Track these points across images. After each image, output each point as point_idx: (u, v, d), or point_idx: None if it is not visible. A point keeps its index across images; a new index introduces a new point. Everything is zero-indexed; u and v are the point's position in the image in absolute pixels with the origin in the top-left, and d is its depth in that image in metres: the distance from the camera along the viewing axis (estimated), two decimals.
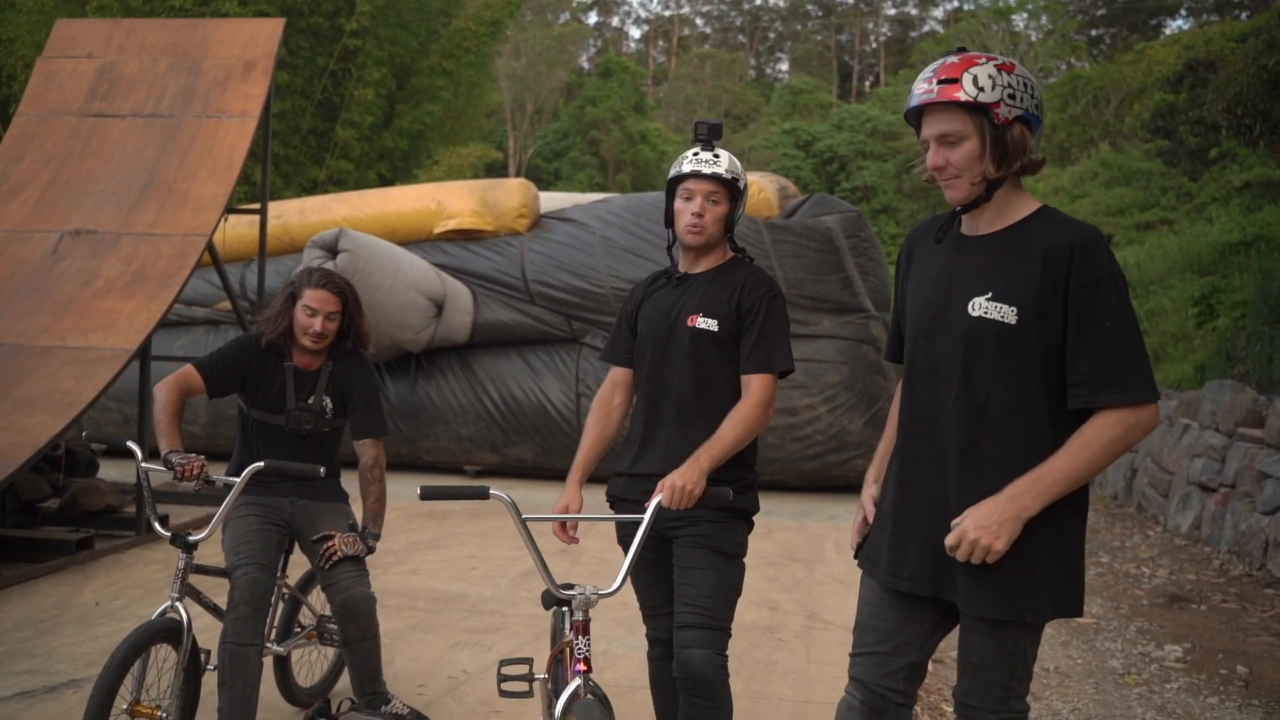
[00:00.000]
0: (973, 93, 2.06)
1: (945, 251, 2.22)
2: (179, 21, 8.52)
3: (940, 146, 2.11)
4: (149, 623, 2.96)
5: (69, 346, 6.05)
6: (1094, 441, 2.03)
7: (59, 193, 7.04)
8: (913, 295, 2.27)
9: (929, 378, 2.19)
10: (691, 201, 2.78)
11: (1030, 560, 2.07)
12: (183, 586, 3.08)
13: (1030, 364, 2.08)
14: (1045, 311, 2.06)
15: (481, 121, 24.65)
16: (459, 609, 5.14)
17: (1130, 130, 23.93)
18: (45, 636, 4.46)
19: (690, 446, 2.75)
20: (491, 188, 10.02)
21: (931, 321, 2.19)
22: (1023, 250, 2.10)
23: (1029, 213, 2.15)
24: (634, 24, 66.37)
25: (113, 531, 6.33)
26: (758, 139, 41.29)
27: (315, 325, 3.39)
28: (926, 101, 2.10)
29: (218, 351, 3.47)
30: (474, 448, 9.36)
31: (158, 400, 3.30)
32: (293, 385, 3.46)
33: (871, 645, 2.25)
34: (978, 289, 2.12)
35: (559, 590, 2.39)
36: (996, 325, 2.08)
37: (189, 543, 3.09)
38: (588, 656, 2.35)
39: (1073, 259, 2.05)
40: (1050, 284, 2.06)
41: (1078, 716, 4.20)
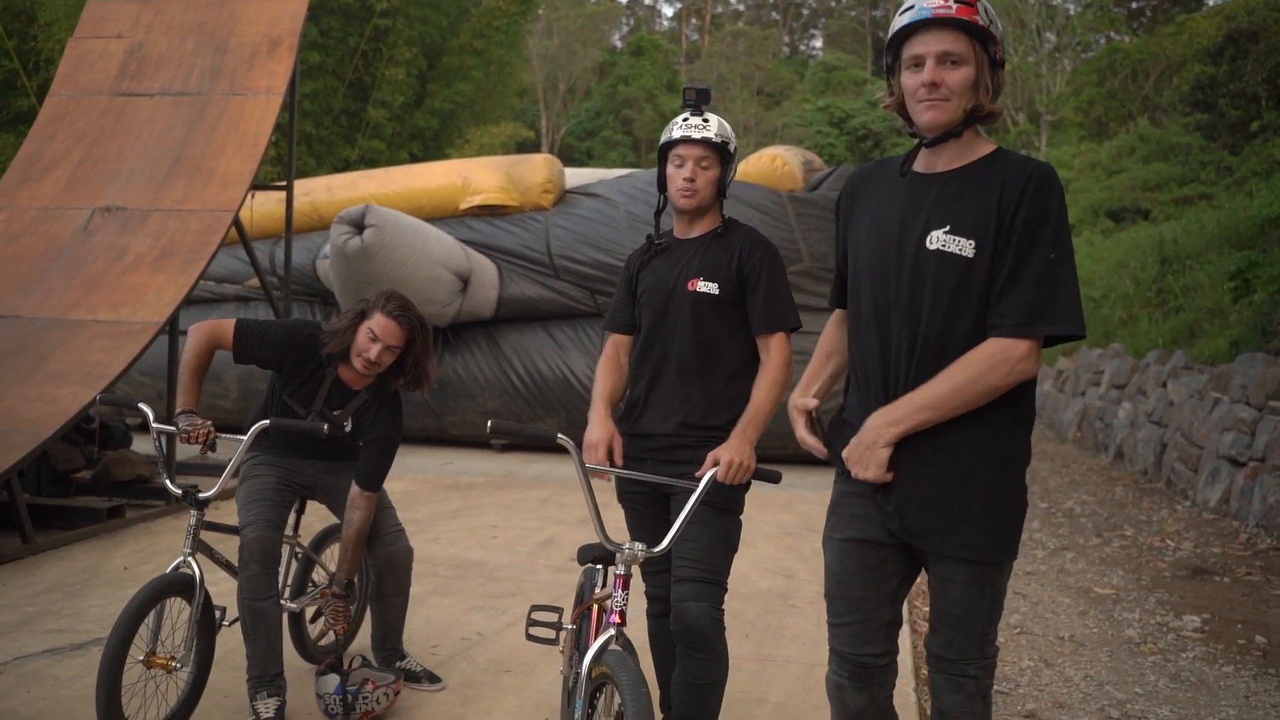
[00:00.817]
0: (985, 21, 2.07)
1: (897, 190, 2.19)
2: (206, 0, 8.62)
3: (938, 65, 2.06)
4: (161, 576, 3.05)
5: (99, 320, 6.18)
6: (960, 371, 2.04)
7: (90, 170, 7.18)
8: (864, 236, 2.22)
9: (881, 318, 2.16)
10: (683, 167, 2.81)
11: (1000, 501, 2.11)
12: (194, 542, 3.15)
13: (983, 299, 2.08)
14: (999, 244, 2.06)
15: (513, 100, 24.72)
16: (477, 575, 5.22)
17: (1169, 104, 23.51)
18: (74, 598, 4.60)
19: (690, 407, 2.79)
20: (517, 163, 10.07)
21: (883, 260, 2.15)
22: (982, 185, 2.09)
23: (986, 152, 2.15)
24: (667, 2, 66.02)
25: (144, 501, 6.47)
26: (791, 116, 41.02)
27: (372, 352, 3.24)
28: (943, 15, 2.04)
29: (265, 324, 3.38)
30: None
31: (187, 346, 3.28)
32: (326, 391, 3.39)
33: (845, 615, 2.25)
34: (935, 223, 2.10)
35: (610, 542, 2.41)
36: (954, 259, 2.07)
37: (200, 500, 3.17)
38: (624, 610, 2.38)
39: (1025, 191, 2.05)
40: (1003, 216, 2.06)
41: (1090, 683, 4.20)
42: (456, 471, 8.39)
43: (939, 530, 2.12)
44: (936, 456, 2.10)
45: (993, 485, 2.11)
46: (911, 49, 2.10)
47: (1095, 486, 9.37)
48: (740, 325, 2.84)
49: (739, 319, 2.83)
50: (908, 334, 2.13)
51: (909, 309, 2.12)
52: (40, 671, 3.69)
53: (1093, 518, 7.82)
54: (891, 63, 2.17)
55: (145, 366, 8.80)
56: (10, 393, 5.68)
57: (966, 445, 2.10)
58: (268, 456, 3.44)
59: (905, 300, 2.13)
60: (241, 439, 3.27)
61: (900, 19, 2.11)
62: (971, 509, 2.10)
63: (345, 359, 3.35)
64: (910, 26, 2.08)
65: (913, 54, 2.09)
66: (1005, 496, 2.13)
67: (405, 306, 3.30)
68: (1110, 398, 11.89)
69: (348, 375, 3.38)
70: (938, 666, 2.20)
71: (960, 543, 2.11)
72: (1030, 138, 33.04)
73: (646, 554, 2.41)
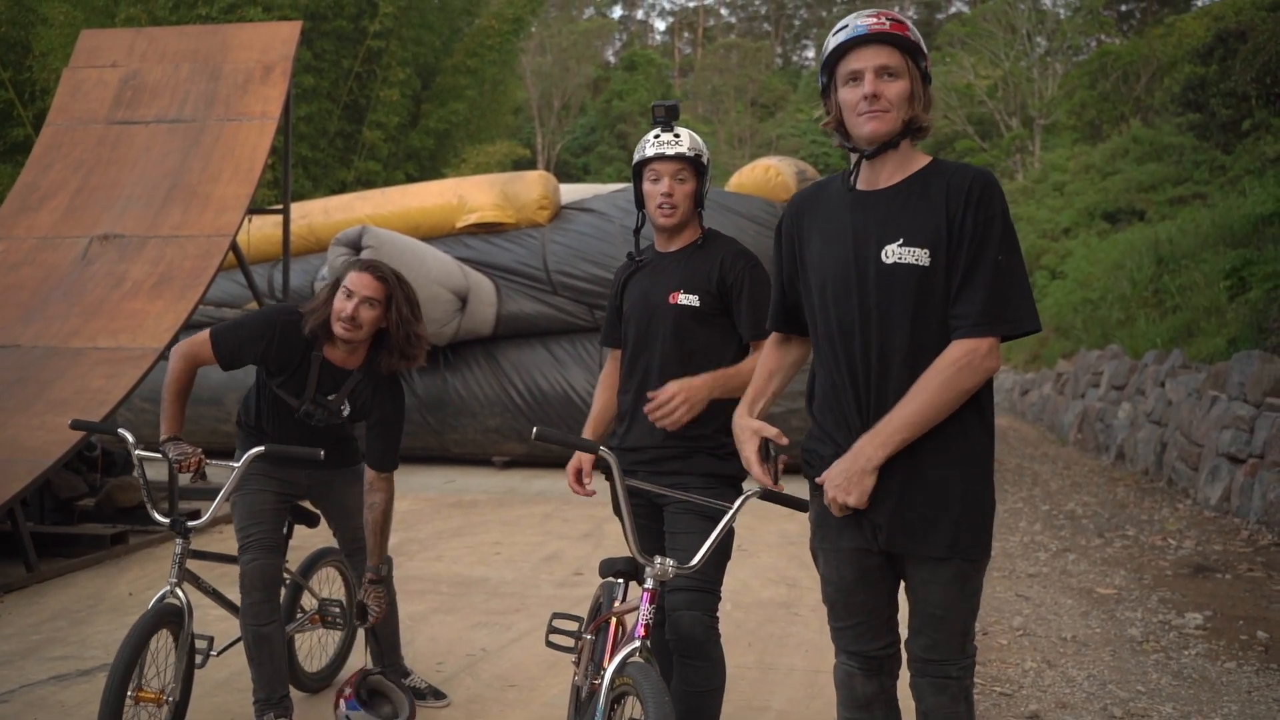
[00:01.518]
0: (916, 38, 2.19)
1: (843, 210, 2.24)
2: (199, 28, 8.70)
3: (877, 78, 2.15)
4: (148, 614, 2.97)
5: (99, 347, 6.21)
6: (931, 382, 2.10)
7: (87, 199, 7.23)
8: (818, 257, 2.26)
9: (846, 334, 2.20)
10: (659, 183, 2.86)
11: (976, 499, 2.17)
12: (180, 571, 3.07)
13: (942, 306, 2.14)
14: (950, 249, 2.12)
15: (508, 119, 24.80)
16: (480, 592, 5.23)
17: (1161, 105, 23.58)
18: (80, 625, 4.62)
19: None
20: (512, 181, 10.12)
21: (843, 279, 2.20)
22: (926, 194, 2.16)
23: (924, 164, 2.22)
24: (659, 16, 66.41)
25: (147, 527, 6.49)
26: (785, 127, 41.17)
27: (349, 309, 3.11)
28: (878, 30, 2.15)
29: (237, 324, 3.27)
30: (501, 438, 9.48)
31: (168, 371, 3.21)
32: (316, 377, 3.26)
33: (848, 619, 2.31)
34: (888, 237, 2.16)
35: (642, 557, 2.43)
36: (911, 269, 2.13)
37: (186, 528, 3.11)
38: (650, 623, 2.40)
39: (969, 196, 2.12)
40: (950, 221, 2.12)
41: (1092, 683, 4.21)
42: (458, 489, 8.42)
43: (921, 535, 2.17)
44: (912, 464, 2.15)
45: (968, 484, 2.17)
46: (849, 65, 2.18)
47: (1096, 488, 9.39)
48: (721, 336, 2.88)
49: (720, 330, 2.88)
50: (877, 347, 2.17)
51: (877, 323, 2.16)
52: (47, 699, 3.71)
53: (1094, 519, 7.84)
54: (827, 82, 2.25)
55: (146, 392, 8.81)
56: (12, 421, 5.71)
57: (940, 449, 2.14)
58: (262, 466, 3.30)
59: (871, 315, 2.17)
60: (233, 466, 3.23)
61: (836, 37, 2.20)
62: (951, 510, 2.15)
63: (330, 339, 3.24)
64: (846, 44, 2.18)
65: (850, 69, 2.18)
66: (980, 494, 2.19)
67: (379, 264, 3.22)
68: (1110, 399, 11.91)
69: (335, 355, 3.26)
70: (921, 670, 2.24)
71: (945, 544, 2.15)
72: (1024, 141, 33.15)
73: (678, 570, 2.42)
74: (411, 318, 3.22)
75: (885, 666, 2.33)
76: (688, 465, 2.78)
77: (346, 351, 3.25)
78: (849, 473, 2.14)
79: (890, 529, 2.18)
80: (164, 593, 3.03)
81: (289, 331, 3.23)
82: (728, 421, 2.83)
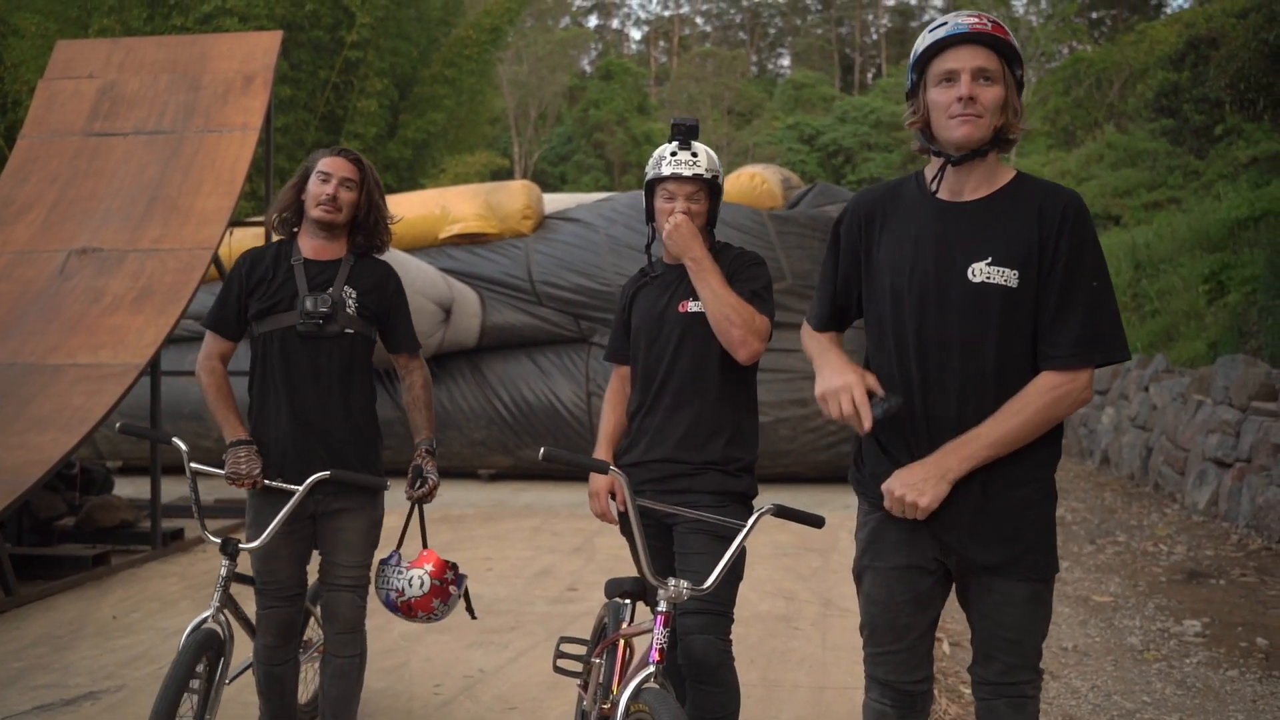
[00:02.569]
0: (1015, 44, 2.10)
1: (925, 218, 2.15)
2: (177, 38, 8.58)
3: (974, 80, 2.06)
4: (189, 647, 2.72)
5: (79, 364, 6.08)
6: (1026, 406, 2.05)
7: (64, 212, 7.09)
8: (891, 265, 2.17)
9: (923, 350, 2.12)
10: (673, 202, 2.80)
11: (1048, 519, 2.17)
12: (224, 596, 2.86)
13: (1027, 328, 2.08)
14: (1040, 273, 2.06)
15: (485, 128, 24.69)
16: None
17: (1134, 111, 23.81)
18: (63, 651, 4.49)
19: (685, 432, 2.76)
20: (495, 190, 10.05)
21: (922, 292, 2.12)
22: (1015, 213, 2.09)
23: (1011, 178, 2.15)
24: (634, 25, 66.47)
25: (129, 547, 6.37)
26: (761, 135, 41.26)
27: (328, 189, 3.01)
28: (980, 31, 2.05)
29: (218, 296, 3.13)
30: (487, 451, 9.38)
31: (200, 385, 3.07)
32: (304, 277, 3.05)
33: (890, 644, 2.25)
34: (975, 254, 2.08)
35: (655, 579, 2.34)
36: (999, 290, 2.06)
37: (236, 550, 2.88)
38: (664, 647, 2.32)
39: (1064, 220, 2.06)
40: (1043, 245, 2.06)
41: (1097, 694, 4.17)
42: (445, 503, 8.30)
43: (1001, 556, 2.13)
44: (989, 482, 2.10)
45: (1042, 504, 2.16)
46: (944, 64, 2.08)
47: (1084, 493, 9.40)
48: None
49: None
50: (958, 366, 2.10)
51: (958, 343, 2.09)
52: None
53: (1084, 525, 7.83)
54: (916, 80, 2.15)
55: (127, 409, 8.66)
56: None
57: (1017, 469, 2.11)
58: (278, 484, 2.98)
59: (954, 333, 2.10)
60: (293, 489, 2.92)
61: (932, 34, 2.10)
62: (1028, 531, 2.14)
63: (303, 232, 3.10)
64: (943, 42, 2.08)
65: (945, 69, 2.08)
66: (1050, 514, 2.18)
67: (348, 148, 3.14)
68: (1093, 403, 11.95)
69: (312, 246, 3.10)
70: (996, 692, 2.19)
71: (1025, 565, 2.13)
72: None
73: (693, 592, 2.34)
74: (380, 201, 3.17)
75: (919, 704, 2.27)
76: (697, 483, 2.72)
77: (326, 239, 3.11)
78: (926, 477, 2.07)
79: (965, 548, 2.13)
80: (204, 618, 2.79)
81: (259, 251, 3.14)
82: (737, 438, 2.78)
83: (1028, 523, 2.13)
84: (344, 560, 3.08)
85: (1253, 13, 15.02)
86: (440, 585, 3.12)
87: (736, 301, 2.70)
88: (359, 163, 3.11)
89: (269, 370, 3.06)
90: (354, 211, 3.11)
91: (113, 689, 3.96)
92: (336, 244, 3.14)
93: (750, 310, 2.71)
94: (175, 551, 6.50)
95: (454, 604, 3.21)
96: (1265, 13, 13.50)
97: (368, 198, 3.11)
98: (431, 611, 3.14)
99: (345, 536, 3.09)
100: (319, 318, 3.01)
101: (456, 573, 3.21)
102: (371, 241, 3.18)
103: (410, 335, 3.25)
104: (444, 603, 3.15)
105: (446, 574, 3.16)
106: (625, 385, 3.00)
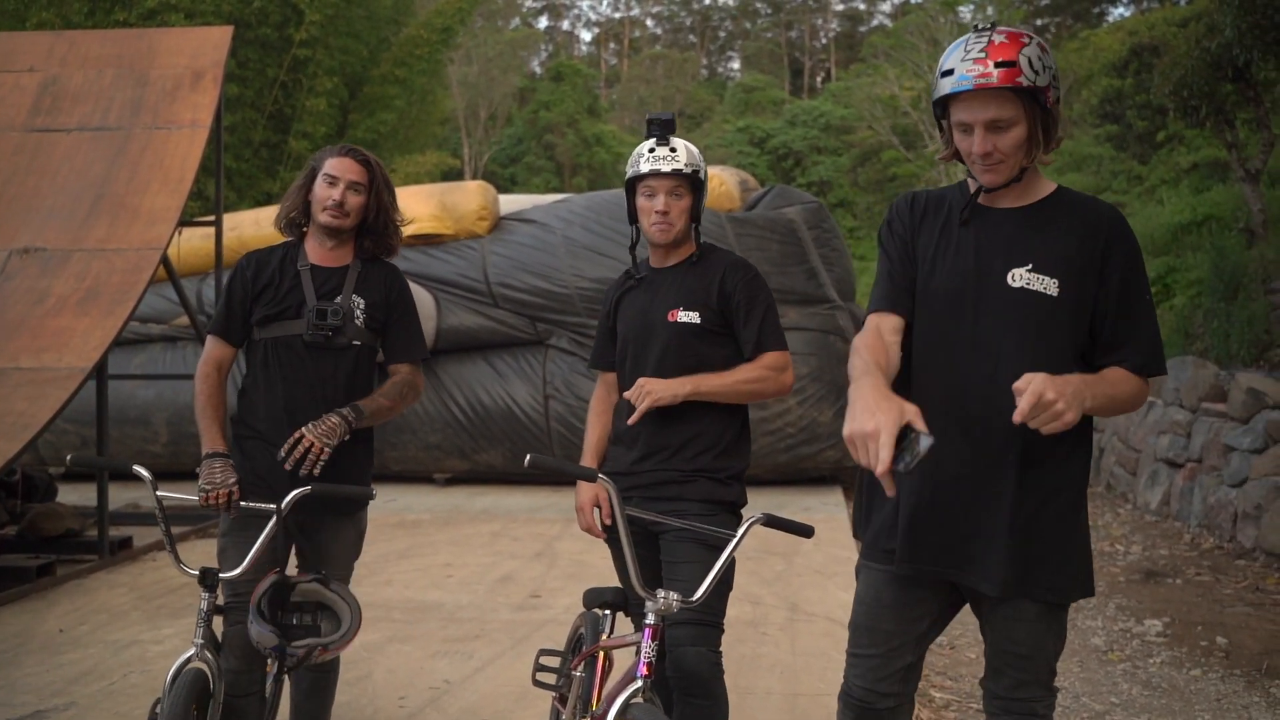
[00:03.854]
0: (1031, 76, 1.98)
1: (968, 224, 2.15)
2: (123, 32, 8.37)
3: (988, 132, 2.01)
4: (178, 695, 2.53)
5: (21, 368, 5.86)
6: (1119, 384, 2.05)
7: (4, 211, 6.84)
8: (931, 266, 2.16)
9: (961, 353, 2.10)
10: (655, 199, 2.73)
11: (1071, 541, 2.11)
12: (206, 632, 2.66)
13: (1066, 334, 2.07)
14: (1083, 283, 2.05)
15: (435, 129, 24.47)
16: (436, 618, 5.04)
17: (1080, 116, 24.22)
18: (7, 668, 4.31)
19: (677, 439, 2.70)
20: (450, 191, 9.92)
21: (961, 296, 2.10)
22: (1057, 223, 2.08)
23: (1051, 189, 2.15)
24: (584, 27, 66.32)
25: (75, 556, 6.16)
26: (712, 138, 41.37)
27: (335, 194, 2.88)
28: (985, 86, 1.96)
29: (221, 298, 2.99)
30: (443, 455, 9.25)
31: (195, 391, 2.90)
32: (311, 284, 2.92)
33: (867, 648, 2.21)
34: (1016, 260, 2.07)
35: (644, 590, 2.27)
36: (1039, 296, 2.05)
37: (216, 581, 2.69)
38: (652, 661, 2.25)
39: (1112, 234, 2.06)
40: (1088, 257, 2.05)
41: (1066, 696, 4.19)
42: (401, 509, 8.18)
43: (1019, 577, 2.07)
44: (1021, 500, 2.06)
45: (1072, 526, 2.11)
46: (958, 114, 2.04)
47: None
48: (722, 354, 2.75)
49: (721, 347, 2.76)
50: (987, 369, 2.07)
51: (997, 345, 2.07)
52: None
53: None
54: (940, 116, 2.11)
55: (70, 413, 8.41)
56: None
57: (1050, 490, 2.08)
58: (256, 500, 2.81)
59: (991, 336, 2.07)
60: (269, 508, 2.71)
61: (941, 85, 2.04)
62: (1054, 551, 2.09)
63: (308, 237, 2.98)
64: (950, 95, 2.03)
65: (959, 120, 2.04)
66: (1081, 535, 2.13)
67: (358, 147, 3.00)
68: None
69: (320, 254, 2.97)
70: (1006, 708, 2.15)
71: (1044, 586, 2.08)
72: None
73: (682, 604, 2.27)
74: (390, 204, 3.00)
75: (884, 716, 2.21)
76: (687, 490, 2.66)
77: (334, 245, 2.97)
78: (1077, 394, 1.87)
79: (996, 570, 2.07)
80: (188, 657, 2.61)
81: (264, 254, 2.99)
82: (728, 446, 2.73)
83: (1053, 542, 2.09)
84: (329, 573, 2.91)
85: (1193, 22, 15.34)
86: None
87: (750, 377, 2.68)
88: (368, 163, 2.96)
89: (268, 376, 2.93)
90: (362, 215, 2.96)
91: (61, 707, 3.80)
92: (344, 249, 3.00)
93: (763, 368, 2.69)
94: (123, 561, 6.30)
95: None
96: (1206, 22, 13.77)
97: (377, 200, 2.96)
98: None
99: (331, 550, 2.99)
100: (328, 330, 2.89)
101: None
102: (380, 246, 3.02)
103: (413, 344, 3.07)
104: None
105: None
106: (611, 393, 2.92)
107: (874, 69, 39.26)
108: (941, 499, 2.10)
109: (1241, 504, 6.71)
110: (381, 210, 2.97)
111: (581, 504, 2.79)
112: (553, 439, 8.94)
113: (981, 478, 2.08)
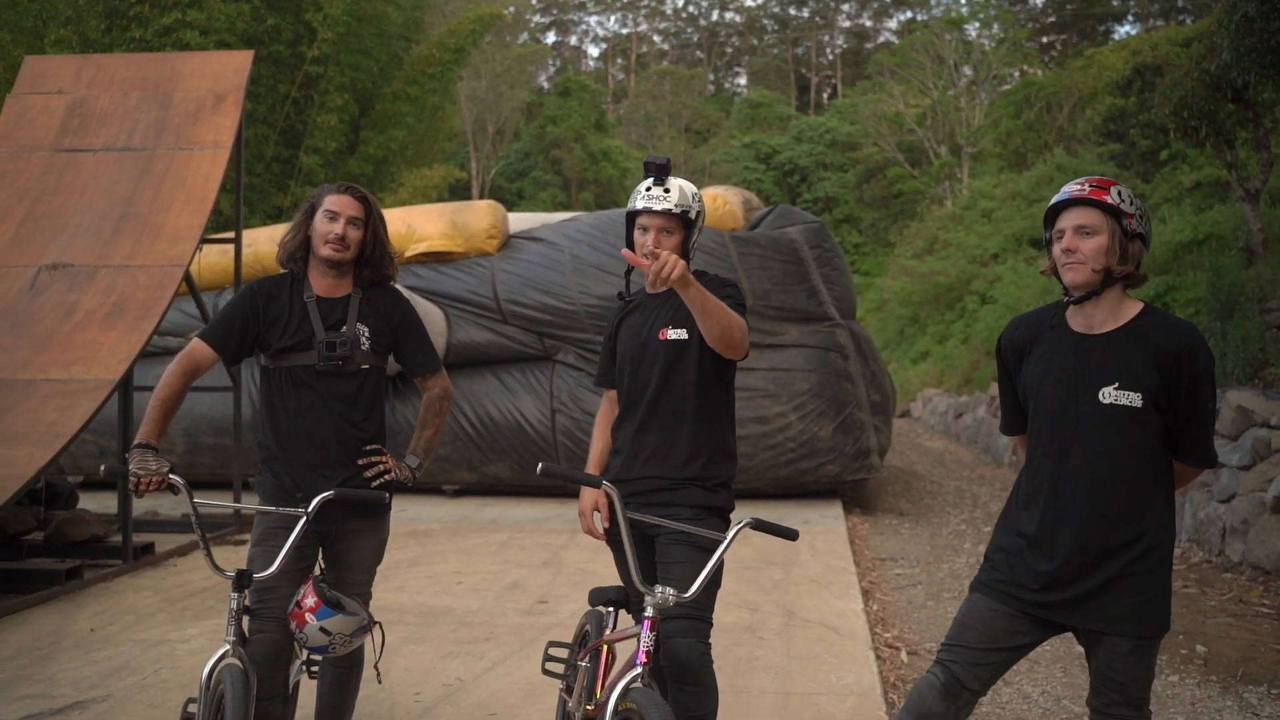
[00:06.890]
0: (1115, 200, 2.54)
1: (1066, 348, 2.62)
2: (148, 56, 8.63)
3: (1076, 235, 2.54)
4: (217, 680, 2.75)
5: (51, 379, 6.12)
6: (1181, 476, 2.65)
7: (34, 228, 7.12)
8: (1039, 385, 2.65)
9: (1062, 454, 2.59)
10: (647, 234, 3.01)
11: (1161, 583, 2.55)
12: (237, 631, 2.82)
13: (1146, 439, 2.54)
14: (1160, 398, 2.52)
15: (444, 144, 24.78)
16: (448, 621, 5.27)
17: (1083, 134, 24.44)
18: (44, 663, 4.55)
19: (673, 449, 2.95)
20: (461, 210, 10.17)
21: (1063, 409, 2.59)
22: (1139, 347, 2.54)
23: (1137, 312, 2.58)
24: (592, 43, 66.79)
25: (100, 561, 6.40)
26: (718, 153, 41.67)
27: (336, 229, 3.09)
28: (1078, 196, 2.54)
29: (221, 310, 3.14)
30: (452, 467, 9.48)
31: (160, 382, 3.01)
32: (319, 315, 3.13)
33: (971, 642, 2.64)
34: (1105, 379, 2.55)
35: (644, 587, 2.55)
36: (1124, 409, 2.53)
37: (250, 583, 2.87)
38: (650, 649, 2.53)
39: (1182, 359, 2.50)
40: (1165, 377, 2.51)
41: (1047, 699, 4.39)
42: (412, 519, 8.41)
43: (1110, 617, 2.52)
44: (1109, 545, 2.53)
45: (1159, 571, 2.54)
46: (1058, 223, 2.61)
47: None
48: (712, 371, 3.00)
49: (711, 363, 3.00)
50: (1089, 471, 2.55)
51: (1091, 451, 2.55)
52: None
53: None
54: (1050, 237, 2.64)
55: (98, 424, 8.68)
56: None
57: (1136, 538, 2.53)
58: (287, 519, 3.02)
59: (1086, 445, 2.56)
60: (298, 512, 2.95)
61: (1052, 201, 2.62)
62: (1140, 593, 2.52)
63: (310, 271, 3.17)
64: (1057, 206, 2.60)
65: (1058, 228, 2.60)
66: (1166, 579, 2.55)
67: (353, 185, 3.20)
68: None
69: (323, 285, 3.17)
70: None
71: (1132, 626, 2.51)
72: (953, 169, 34.02)
73: (678, 599, 2.54)
74: (384, 236, 3.24)
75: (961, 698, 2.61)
76: (678, 497, 2.91)
77: (335, 277, 3.18)
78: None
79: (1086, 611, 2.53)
80: (221, 653, 2.79)
81: (274, 285, 3.17)
82: (717, 455, 2.98)
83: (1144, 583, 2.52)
84: (353, 578, 3.21)
85: (1195, 42, 15.54)
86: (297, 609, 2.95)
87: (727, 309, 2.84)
88: (365, 200, 3.19)
89: (285, 403, 3.13)
90: (361, 248, 3.19)
91: (99, 699, 4.04)
92: (345, 280, 3.21)
93: (738, 317, 2.89)
94: (146, 565, 6.54)
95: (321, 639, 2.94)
96: (1206, 43, 13.98)
97: (373, 234, 3.20)
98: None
99: (356, 556, 3.22)
100: (338, 360, 3.10)
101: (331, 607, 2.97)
102: (377, 275, 3.24)
103: (425, 356, 3.29)
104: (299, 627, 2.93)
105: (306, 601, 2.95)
106: (614, 408, 3.19)
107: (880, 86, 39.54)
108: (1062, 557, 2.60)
109: (1230, 519, 6.90)
110: (378, 243, 3.21)
111: (583, 509, 3.07)
112: (559, 451, 9.17)
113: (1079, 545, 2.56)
